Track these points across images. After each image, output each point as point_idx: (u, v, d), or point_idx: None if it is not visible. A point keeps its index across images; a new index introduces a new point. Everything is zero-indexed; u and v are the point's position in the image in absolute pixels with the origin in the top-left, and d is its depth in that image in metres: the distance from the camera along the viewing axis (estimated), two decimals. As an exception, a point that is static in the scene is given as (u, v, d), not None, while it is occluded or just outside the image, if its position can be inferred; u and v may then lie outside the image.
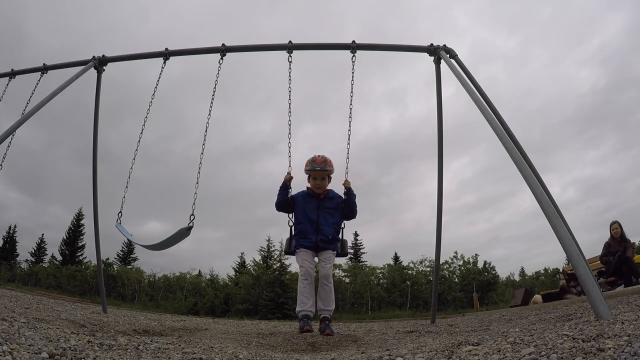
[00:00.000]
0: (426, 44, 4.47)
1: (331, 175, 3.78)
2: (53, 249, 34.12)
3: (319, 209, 3.66)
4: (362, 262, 32.13)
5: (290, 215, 3.79)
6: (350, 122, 3.93)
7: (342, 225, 3.76)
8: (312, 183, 3.74)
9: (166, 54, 4.72)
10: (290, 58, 4.28)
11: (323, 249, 3.62)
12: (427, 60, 4.60)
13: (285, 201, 3.73)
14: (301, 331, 3.33)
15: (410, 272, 29.54)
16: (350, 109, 3.91)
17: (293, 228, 3.77)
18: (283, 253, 5.36)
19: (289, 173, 3.78)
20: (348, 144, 3.93)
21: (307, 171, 3.75)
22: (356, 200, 3.74)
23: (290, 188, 3.77)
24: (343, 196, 3.77)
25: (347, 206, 3.73)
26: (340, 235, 3.75)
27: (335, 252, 3.69)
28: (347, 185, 3.74)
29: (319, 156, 3.73)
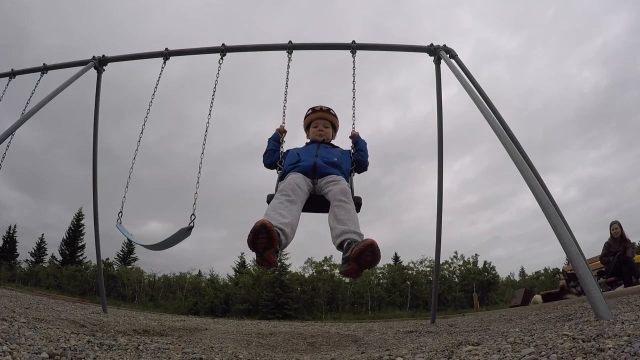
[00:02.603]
0: (430, 43, 4.47)
1: (336, 128, 3.13)
2: (53, 249, 34.17)
3: (319, 148, 2.83)
4: (362, 262, 32.10)
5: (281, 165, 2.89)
6: (353, 123, 3.85)
7: (352, 173, 2.84)
8: (313, 131, 3.01)
9: (166, 54, 4.72)
10: (290, 58, 4.28)
11: (325, 172, 2.59)
12: (429, 59, 4.61)
13: (274, 151, 2.96)
14: (252, 232, 1.90)
15: (410, 272, 29.55)
16: (353, 110, 3.85)
17: (283, 166, 2.82)
18: (267, 201, 2.34)
19: (281, 125, 3.14)
20: (353, 127, 3.75)
21: (306, 117, 3.08)
22: (366, 147, 2.99)
23: (283, 142, 3.06)
24: (350, 147, 3.04)
25: (356, 150, 2.91)
26: (349, 181, 2.74)
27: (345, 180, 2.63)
28: (354, 134, 3.07)
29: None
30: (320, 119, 3.04)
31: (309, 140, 3.07)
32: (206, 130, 3.98)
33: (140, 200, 34.97)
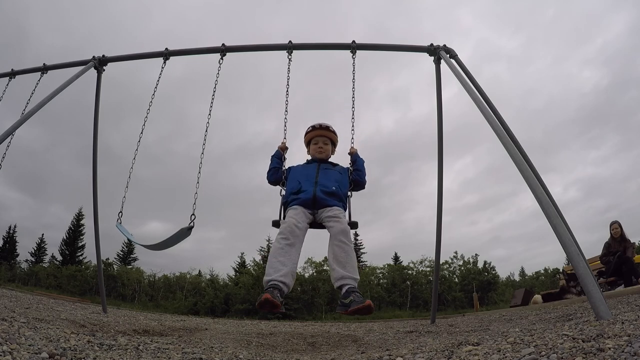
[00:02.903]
0: (430, 43, 4.47)
1: (335, 144, 3.30)
2: (53, 249, 34.15)
3: (319, 169, 3.01)
4: (362, 262, 32.13)
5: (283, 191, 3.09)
6: (352, 124, 3.85)
7: (349, 194, 3.03)
8: (313, 148, 3.18)
9: (166, 54, 4.72)
10: (290, 58, 4.28)
11: (325, 204, 2.76)
12: (429, 59, 4.61)
13: (277, 169, 3.14)
14: (259, 304, 2.17)
15: (410, 272, 29.54)
16: (353, 110, 3.84)
17: (285, 190, 3.01)
18: (272, 225, 2.89)
19: (283, 142, 3.32)
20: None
21: (307, 134, 3.26)
22: (364, 167, 3.18)
23: (285, 159, 3.24)
24: (349, 165, 3.22)
25: (354, 170, 3.12)
26: (347, 205, 2.96)
27: (343, 210, 2.84)
28: (353, 151, 3.25)
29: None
30: (320, 137, 3.19)
31: (309, 157, 3.24)
32: (206, 130, 3.98)
33: (140, 200, 35.00)
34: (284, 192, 2.99)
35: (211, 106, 4.15)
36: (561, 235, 2.38)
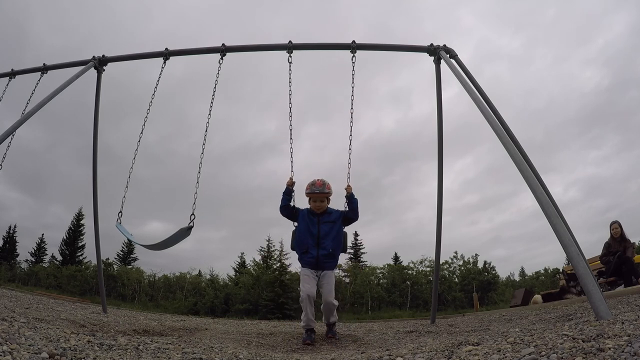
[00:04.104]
0: (430, 43, 4.47)
1: (330, 198, 3.95)
2: (53, 249, 34.10)
3: (319, 224, 3.83)
4: (362, 262, 32.10)
5: (295, 223, 3.99)
6: (351, 124, 3.88)
7: (343, 228, 3.93)
8: (312, 205, 3.92)
9: (166, 54, 4.72)
10: (290, 58, 4.29)
11: (324, 267, 3.80)
12: (430, 59, 4.61)
13: (287, 207, 3.91)
14: (303, 343, 3.57)
15: (410, 272, 29.51)
16: (352, 110, 3.87)
17: (296, 237, 3.96)
18: (290, 248, 4.47)
19: (290, 178, 3.92)
20: (350, 147, 3.98)
21: (307, 194, 3.93)
22: (358, 205, 3.90)
23: (294, 191, 3.92)
24: (345, 202, 3.93)
25: (349, 210, 3.90)
26: (341, 248, 3.92)
27: (334, 269, 3.97)
28: (349, 191, 3.90)
29: (318, 180, 3.91)
30: (318, 197, 3.87)
31: (309, 206, 3.94)
32: (206, 130, 4.00)
33: (140, 200, 34.92)
34: (296, 224, 3.96)
35: (211, 106, 4.16)
36: (561, 235, 2.38)
